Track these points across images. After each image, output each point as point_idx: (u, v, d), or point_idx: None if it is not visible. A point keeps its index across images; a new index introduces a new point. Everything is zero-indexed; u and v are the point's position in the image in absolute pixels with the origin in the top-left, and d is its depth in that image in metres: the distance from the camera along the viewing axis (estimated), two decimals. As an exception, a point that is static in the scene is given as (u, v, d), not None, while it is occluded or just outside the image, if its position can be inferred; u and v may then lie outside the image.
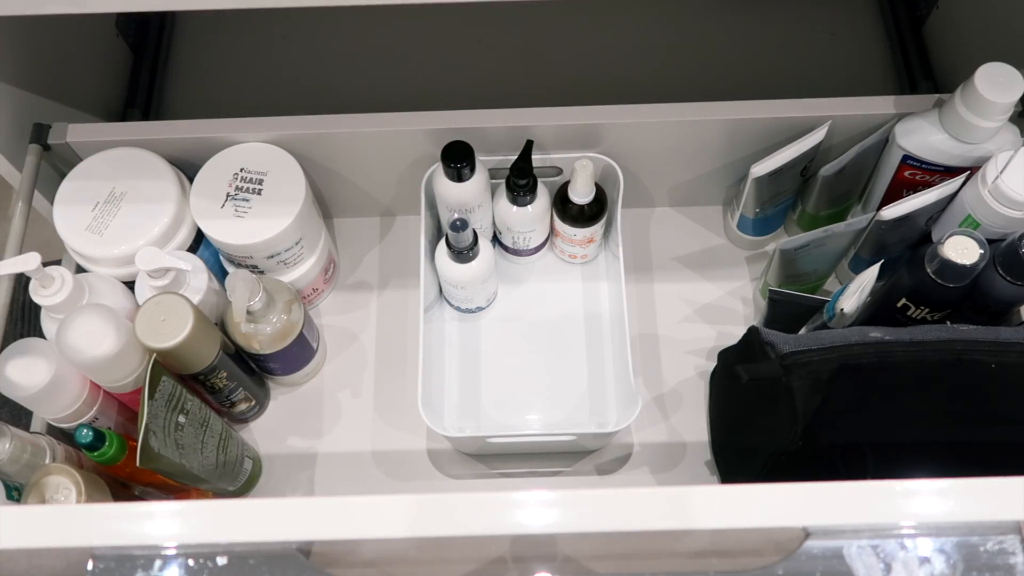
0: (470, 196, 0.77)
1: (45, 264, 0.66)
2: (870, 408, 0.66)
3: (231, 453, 0.75)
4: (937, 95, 0.77)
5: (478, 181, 0.76)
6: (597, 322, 0.86)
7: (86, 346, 0.64)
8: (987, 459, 0.64)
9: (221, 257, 0.81)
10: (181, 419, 0.67)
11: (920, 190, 0.73)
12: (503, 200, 0.81)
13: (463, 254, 0.77)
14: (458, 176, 0.75)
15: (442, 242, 0.78)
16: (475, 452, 0.81)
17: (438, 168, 0.77)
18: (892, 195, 0.77)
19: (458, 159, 0.74)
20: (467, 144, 0.74)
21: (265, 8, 0.56)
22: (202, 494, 0.76)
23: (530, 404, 0.83)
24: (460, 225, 0.74)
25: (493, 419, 0.82)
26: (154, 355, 0.65)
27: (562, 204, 0.81)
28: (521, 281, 0.89)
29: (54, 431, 0.75)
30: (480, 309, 0.86)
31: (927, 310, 0.69)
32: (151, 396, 0.64)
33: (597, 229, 0.83)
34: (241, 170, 0.77)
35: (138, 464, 0.62)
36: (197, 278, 0.74)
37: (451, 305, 0.86)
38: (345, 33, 1.04)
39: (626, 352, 0.76)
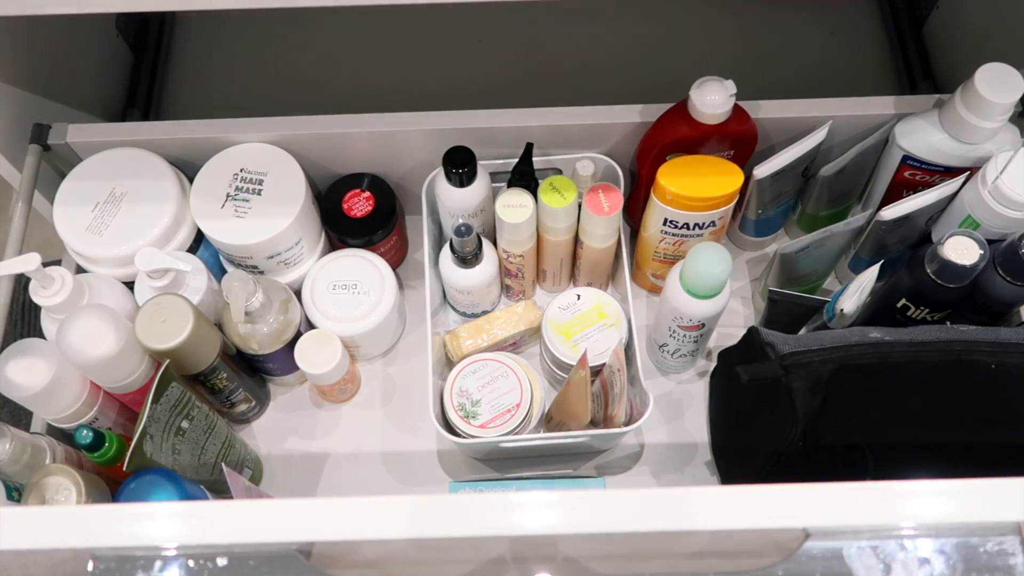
0: (472, 201, 0.77)
1: (45, 264, 0.66)
2: (870, 409, 0.66)
3: (231, 463, 0.74)
4: (937, 95, 0.77)
5: (480, 186, 0.76)
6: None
7: (86, 347, 0.64)
8: (987, 459, 0.64)
9: (221, 257, 0.81)
10: (184, 424, 0.67)
11: (920, 190, 0.73)
12: None
13: (468, 260, 0.77)
14: (460, 181, 0.75)
15: (446, 248, 0.78)
16: (484, 456, 0.81)
17: (439, 173, 0.76)
18: (892, 195, 0.77)
19: (460, 164, 0.73)
20: (468, 149, 0.74)
21: (265, 8, 0.56)
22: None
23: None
24: (465, 230, 0.73)
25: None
26: (167, 362, 0.65)
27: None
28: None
29: (54, 431, 0.75)
30: (485, 313, 0.86)
31: (927, 310, 0.69)
32: (155, 401, 0.64)
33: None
34: (241, 170, 0.77)
35: (124, 468, 0.62)
36: (196, 279, 0.74)
37: (456, 310, 0.86)
38: (345, 33, 1.04)
39: (635, 351, 0.76)
